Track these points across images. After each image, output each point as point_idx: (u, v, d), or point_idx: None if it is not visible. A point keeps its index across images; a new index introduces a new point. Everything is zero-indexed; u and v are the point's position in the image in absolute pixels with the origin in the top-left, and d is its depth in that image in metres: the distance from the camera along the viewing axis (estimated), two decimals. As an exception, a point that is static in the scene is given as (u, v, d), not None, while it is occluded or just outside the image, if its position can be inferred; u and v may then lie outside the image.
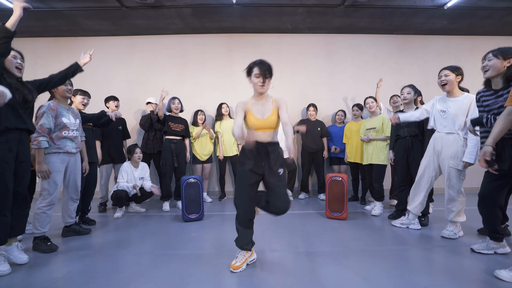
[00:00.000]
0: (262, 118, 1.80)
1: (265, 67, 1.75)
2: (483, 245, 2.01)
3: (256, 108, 1.83)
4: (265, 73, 1.75)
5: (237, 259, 1.85)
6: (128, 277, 1.72)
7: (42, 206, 2.17)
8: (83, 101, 2.80)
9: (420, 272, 1.74)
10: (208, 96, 4.45)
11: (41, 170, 2.14)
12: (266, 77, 1.77)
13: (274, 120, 1.81)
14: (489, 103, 1.85)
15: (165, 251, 2.15)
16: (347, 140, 3.81)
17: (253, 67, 1.78)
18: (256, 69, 1.77)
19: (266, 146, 1.81)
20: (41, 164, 2.14)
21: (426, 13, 3.82)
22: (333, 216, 3.00)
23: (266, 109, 1.82)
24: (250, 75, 1.81)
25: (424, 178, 2.52)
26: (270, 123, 1.80)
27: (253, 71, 1.79)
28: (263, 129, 1.80)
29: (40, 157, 2.13)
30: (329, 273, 1.76)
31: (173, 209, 3.52)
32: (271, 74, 1.79)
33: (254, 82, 1.80)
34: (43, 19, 3.83)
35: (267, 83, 1.79)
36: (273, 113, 1.81)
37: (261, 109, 1.83)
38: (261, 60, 1.78)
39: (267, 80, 1.78)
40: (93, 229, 2.70)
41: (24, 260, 1.92)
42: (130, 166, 3.30)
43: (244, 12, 3.77)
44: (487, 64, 1.85)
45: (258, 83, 1.77)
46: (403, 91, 2.84)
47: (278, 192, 1.79)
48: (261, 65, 1.75)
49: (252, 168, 1.78)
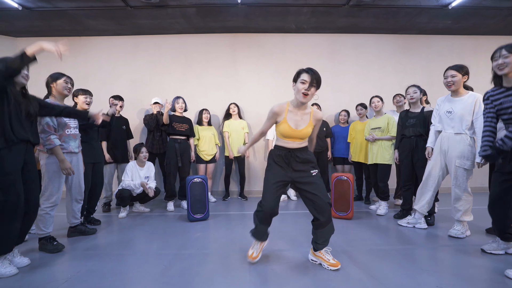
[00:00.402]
0: (296, 129, 1.73)
1: (314, 75, 1.66)
2: (493, 245, 2.00)
3: (292, 116, 1.75)
4: (312, 81, 1.65)
5: (254, 249, 1.89)
6: (137, 277, 1.72)
7: (45, 207, 2.15)
8: (86, 100, 2.78)
9: (430, 272, 1.74)
10: (212, 95, 4.45)
11: (66, 167, 2.14)
12: (313, 85, 1.66)
13: (308, 133, 1.75)
14: (501, 102, 1.80)
15: (172, 251, 2.14)
16: (352, 140, 3.81)
17: (302, 73, 1.69)
18: (304, 75, 1.67)
19: (295, 152, 1.77)
20: (64, 162, 2.13)
21: (430, 12, 3.82)
22: (339, 216, 3.00)
23: (302, 120, 1.75)
24: (296, 81, 1.71)
25: (431, 178, 2.51)
26: (304, 135, 1.75)
27: (300, 77, 1.69)
28: (294, 138, 1.75)
29: (60, 155, 2.12)
30: (337, 272, 1.75)
31: (177, 209, 3.51)
32: (319, 84, 1.68)
33: (298, 88, 1.69)
34: (47, 18, 3.83)
35: (312, 92, 1.68)
36: (309, 125, 1.75)
37: (298, 119, 1.75)
38: (312, 68, 1.69)
39: (312, 89, 1.67)
40: (98, 229, 2.70)
41: (25, 262, 1.90)
42: (135, 166, 3.29)
43: (248, 12, 3.77)
44: (504, 61, 1.73)
45: (302, 89, 1.66)
46: (409, 91, 2.83)
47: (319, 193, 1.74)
48: (311, 72, 1.66)
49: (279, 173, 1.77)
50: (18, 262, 1.87)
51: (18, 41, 4.39)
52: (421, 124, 2.76)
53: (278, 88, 4.45)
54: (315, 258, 1.89)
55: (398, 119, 2.99)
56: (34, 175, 1.88)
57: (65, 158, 2.15)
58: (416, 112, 2.83)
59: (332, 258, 1.83)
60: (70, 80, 2.32)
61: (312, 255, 1.91)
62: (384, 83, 4.50)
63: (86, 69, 4.40)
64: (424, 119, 2.75)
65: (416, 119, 2.79)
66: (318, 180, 1.79)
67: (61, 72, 2.30)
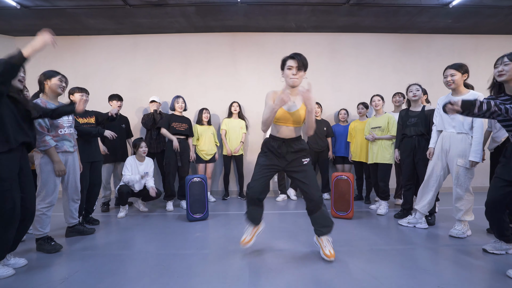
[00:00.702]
0: (289, 111, 1.76)
1: (300, 59, 1.71)
2: (495, 245, 1.99)
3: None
4: (299, 64, 1.70)
5: (246, 234, 1.92)
6: (135, 278, 1.70)
7: (41, 207, 2.11)
8: (83, 98, 2.75)
9: (431, 272, 1.72)
10: (211, 95, 4.43)
11: (61, 169, 2.12)
12: (300, 69, 1.72)
13: (302, 115, 1.77)
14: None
15: (171, 251, 2.12)
16: (352, 139, 3.79)
17: (287, 60, 1.75)
18: (290, 61, 1.73)
19: (289, 142, 1.80)
20: (59, 163, 2.12)
21: (431, 11, 3.80)
22: (338, 216, 2.98)
23: (294, 104, 1.79)
24: (283, 69, 1.78)
25: (433, 178, 2.50)
26: (297, 118, 1.77)
27: (286, 63, 1.75)
28: (288, 123, 1.77)
29: (55, 156, 2.11)
30: (338, 272, 1.73)
31: (176, 209, 3.49)
32: (306, 67, 1.74)
33: (286, 74, 1.75)
34: (45, 17, 3.81)
35: (300, 75, 1.73)
36: (301, 108, 1.78)
37: (290, 103, 1.78)
38: (296, 53, 1.74)
39: (300, 72, 1.73)
40: (97, 229, 2.68)
41: (21, 263, 1.87)
42: (134, 160, 3.27)
43: (248, 11, 3.75)
44: (503, 68, 1.76)
45: (290, 74, 1.72)
46: (412, 88, 2.81)
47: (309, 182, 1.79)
48: (296, 56, 1.72)
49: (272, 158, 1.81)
50: (14, 263, 1.84)
51: (16, 40, 4.36)
52: (423, 123, 2.75)
53: (278, 87, 4.36)
54: (316, 242, 1.98)
55: (398, 118, 2.97)
56: (30, 181, 1.85)
57: (60, 160, 2.13)
58: (417, 111, 2.82)
59: (330, 249, 1.86)
60: (64, 79, 2.27)
61: (315, 237, 1.98)
62: (384, 82, 4.48)
63: (86, 68, 4.38)
64: (425, 118, 2.74)
65: (417, 118, 2.77)
66: (309, 168, 1.83)
67: (55, 70, 2.25)
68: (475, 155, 2.21)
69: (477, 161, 2.21)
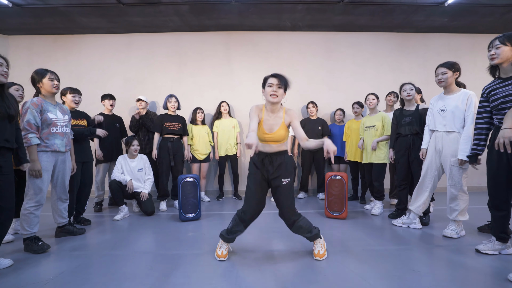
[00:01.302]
0: (270, 132, 1.78)
1: (280, 77, 1.75)
2: (488, 245, 1.96)
3: (266, 121, 1.80)
4: (278, 83, 1.74)
5: (222, 248, 1.93)
6: (122, 278, 1.67)
7: (29, 207, 2.08)
8: (74, 99, 2.75)
9: (422, 273, 1.70)
10: (206, 94, 4.40)
11: (34, 169, 2.05)
12: (280, 87, 1.75)
13: (282, 134, 1.79)
14: (496, 92, 1.82)
15: (160, 251, 2.09)
16: (347, 139, 3.76)
17: (268, 78, 1.78)
18: (271, 79, 1.76)
19: (272, 156, 1.82)
20: (34, 162, 2.06)
21: (426, 10, 3.78)
22: (332, 216, 2.95)
23: (275, 123, 1.80)
24: (264, 86, 1.80)
25: (427, 178, 2.47)
26: (278, 137, 1.79)
27: (267, 81, 1.78)
28: (270, 142, 1.80)
29: (33, 155, 2.05)
30: (327, 273, 1.71)
31: (170, 209, 3.47)
32: (286, 86, 1.77)
33: (266, 92, 1.77)
34: (38, 16, 3.78)
35: (280, 93, 1.75)
36: (281, 127, 1.79)
37: (271, 121, 1.80)
38: (277, 73, 1.78)
39: (280, 90, 1.75)
40: (88, 229, 2.65)
41: (7, 264, 1.84)
42: (125, 158, 3.24)
43: (242, 9, 3.72)
44: (495, 52, 1.80)
45: (270, 91, 1.74)
46: (405, 88, 2.78)
47: (282, 203, 1.83)
48: (277, 76, 1.75)
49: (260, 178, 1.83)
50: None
51: (10, 39, 4.33)
52: (417, 122, 2.72)
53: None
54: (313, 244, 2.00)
55: (393, 118, 2.94)
56: (9, 180, 1.79)
57: (37, 159, 2.08)
58: (411, 110, 2.79)
59: (319, 249, 1.92)
60: (55, 76, 2.24)
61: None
62: (380, 81, 4.45)
63: (79, 67, 4.36)
64: (420, 117, 2.71)
65: (412, 117, 2.75)
66: (287, 189, 1.83)
67: (44, 68, 2.23)
68: (463, 153, 2.18)
69: (465, 160, 2.18)
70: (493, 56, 1.81)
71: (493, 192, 1.88)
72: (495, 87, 1.84)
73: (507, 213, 1.86)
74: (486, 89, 1.93)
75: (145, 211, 3.12)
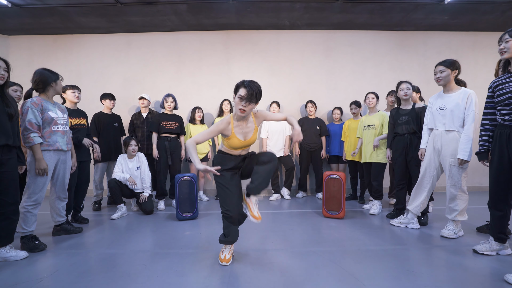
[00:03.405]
0: (245, 140, 1.78)
1: (252, 91, 1.58)
2: (486, 246, 1.94)
3: (239, 130, 1.76)
4: (249, 96, 1.59)
5: (225, 252, 1.88)
6: (113, 277, 1.67)
7: (27, 205, 2.10)
8: (75, 95, 2.77)
9: (417, 273, 1.68)
10: (205, 93, 4.40)
11: (40, 168, 2.08)
12: (250, 101, 1.60)
13: (255, 138, 1.83)
14: (504, 87, 1.79)
15: (155, 250, 2.10)
16: (346, 138, 3.74)
17: (240, 87, 1.62)
18: (242, 90, 1.60)
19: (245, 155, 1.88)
20: (40, 161, 2.09)
21: (426, 8, 3.74)
22: (330, 215, 2.94)
23: (248, 130, 1.79)
24: (235, 94, 1.66)
25: (426, 178, 2.45)
26: (251, 141, 1.81)
27: (238, 91, 1.62)
28: (246, 147, 1.83)
29: (38, 154, 2.08)
30: (323, 273, 1.69)
31: (168, 208, 3.47)
32: (257, 99, 1.63)
33: (236, 102, 1.64)
34: (38, 16, 3.80)
35: (250, 107, 1.63)
36: (255, 131, 1.81)
37: (245, 130, 1.78)
38: (251, 82, 1.61)
39: (250, 105, 1.62)
40: (85, 228, 2.66)
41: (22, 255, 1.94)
42: (124, 158, 3.25)
43: (240, 8, 3.71)
44: (504, 46, 1.78)
45: (239, 105, 1.62)
46: (403, 87, 2.75)
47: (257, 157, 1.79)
48: (248, 88, 1.58)
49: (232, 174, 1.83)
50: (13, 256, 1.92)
51: (10, 39, 4.36)
52: (414, 120, 2.69)
53: (272, 86, 4.39)
54: (244, 204, 1.84)
55: (389, 117, 2.92)
56: (11, 177, 1.82)
57: (42, 158, 2.10)
58: (408, 109, 2.76)
59: (257, 211, 1.79)
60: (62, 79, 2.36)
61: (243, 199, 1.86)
62: (380, 80, 4.42)
63: (79, 67, 4.38)
64: (417, 116, 2.69)
65: (409, 116, 2.72)
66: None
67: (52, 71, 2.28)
68: (463, 153, 2.16)
69: (466, 160, 2.15)
70: (503, 50, 1.79)
71: (493, 191, 1.86)
72: (504, 81, 1.81)
73: (506, 213, 1.84)
74: (492, 85, 1.90)
75: (144, 209, 3.13)
